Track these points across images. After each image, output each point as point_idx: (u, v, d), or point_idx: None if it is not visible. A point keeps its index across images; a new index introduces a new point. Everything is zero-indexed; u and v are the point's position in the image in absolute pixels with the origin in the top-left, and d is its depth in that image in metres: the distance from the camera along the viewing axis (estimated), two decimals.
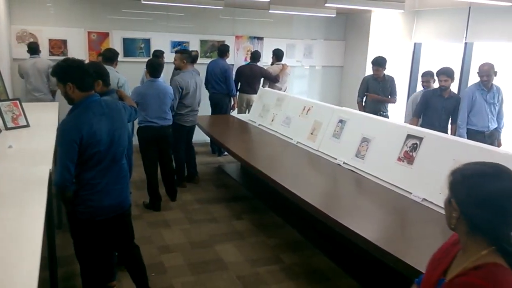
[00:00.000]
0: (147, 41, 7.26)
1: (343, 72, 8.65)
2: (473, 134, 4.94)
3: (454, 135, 4.96)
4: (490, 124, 5.03)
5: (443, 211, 2.94)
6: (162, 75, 4.93)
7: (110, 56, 4.94)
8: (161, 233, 4.26)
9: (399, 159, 3.45)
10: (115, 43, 6.93)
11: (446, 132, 4.96)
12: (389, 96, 6.10)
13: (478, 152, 2.94)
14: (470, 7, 6.53)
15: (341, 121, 4.31)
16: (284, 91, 6.86)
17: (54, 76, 2.53)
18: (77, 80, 2.48)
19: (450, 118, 5.12)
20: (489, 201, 1.21)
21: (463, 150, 3.04)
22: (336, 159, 4.12)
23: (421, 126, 4.81)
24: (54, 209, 3.45)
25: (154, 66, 4.66)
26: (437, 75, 5.11)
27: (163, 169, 4.97)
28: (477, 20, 6.53)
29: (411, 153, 3.39)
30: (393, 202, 3.23)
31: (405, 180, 3.32)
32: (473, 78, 7.02)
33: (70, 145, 2.42)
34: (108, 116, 2.59)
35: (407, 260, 2.26)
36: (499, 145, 5.10)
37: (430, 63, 7.70)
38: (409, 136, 3.47)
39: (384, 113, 6.04)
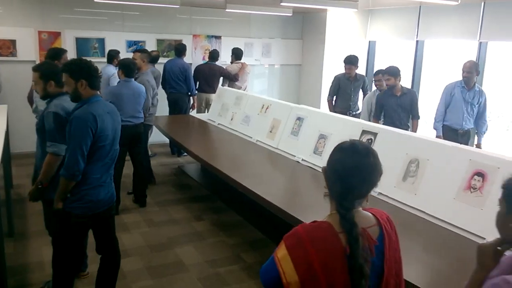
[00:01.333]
0: (101, 41, 7.06)
1: (301, 70, 8.75)
2: (446, 131, 4.95)
3: (416, 131, 4.97)
4: (464, 123, 4.96)
5: (398, 204, 3.02)
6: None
7: (53, 55, 4.71)
8: (120, 237, 4.09)
9: None
10: (68, 43, 6.70)
11: (407, 129, 4.88)
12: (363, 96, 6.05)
13: (428, 146, 3.04)
14: (420, 6, 6.76)
15: (299, 118, 4.35)
16: (244, 90, 6.85)
17: (67, 72, 2.61)
18: (90, 78, 2.62)
19: (411, 114, 5.08)
20: (331, 171, 1.43)
21: (415, 145, 3.14)
22: (295, 156, 4.15)
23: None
24: (3, 217, 3.30)
25: (129, 66, 4.63)
26: (382, 75, 5.17)
27: (136, 170, 4.93)
28: (427, 19, 6.77)
29: None
30: None
31: None
32: (426, 75, 7.29)
33: (86, 132, 2.52)
34: (112, 115, 2.72)
35: None
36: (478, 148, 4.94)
37: (386, 61, 7.93)
38: (364, 132, 3.55)
39: (353, 113, 6.03)
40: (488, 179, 2.53)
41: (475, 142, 5.18)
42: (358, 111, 6.11)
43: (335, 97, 6.21)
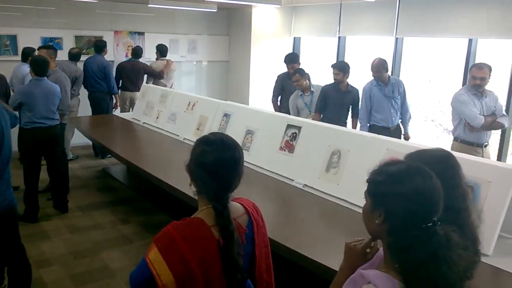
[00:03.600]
0: (13, 38, 6.56)
1: (228, 67, 8.73)
2: (378, 131, 4.66)
3: (355, 128, 5.02)
4: (393, 119, 4.95)
5: (322, 195, 3.10)
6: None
7: None
8: (39, 246, 3.89)
9: (281, 148, 3.56)
10: None
11: (345, 126, 4.94)
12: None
13: (348, 138, 3.16)
14: (341, 4, 7.00)
15: (226, 115, 4.32)
16: (170, 88, 6.71)
17: None
18: None
19: (351, 112, 5.12)
20: (202, 168, 1.45)
21: (337, 137, 3.24)
22: None
23: (323, 121, 4.78)
24: None
25: (39, 64, 4.31)
26: (331, 68, 5.10)
27: (55, 175, 4.62)
28: (347, 16, 7.03)
29: (291, 142, 3.51)
30: (277, 190, 3.33)
31: (287, 168, 3.43)
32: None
33: None
34: None
35: (292, 246, 2.32)
36: (407, 138, 5.06)
37: (311, 58, 8.15)
38: (289, 126, 3.60)
39: None
40: None
41: (403, 133, 5.16)
42: None
43: (279, 97, 5.94)
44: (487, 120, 4.19)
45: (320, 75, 5.41)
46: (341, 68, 5.01)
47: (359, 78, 5.66)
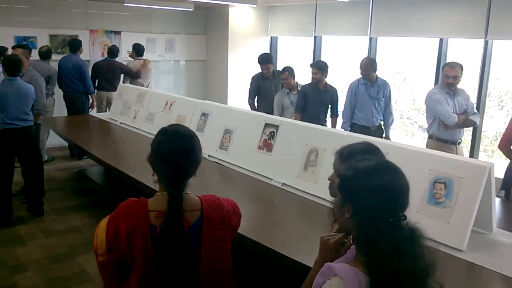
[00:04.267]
0: None
1: (206, 66, 8.70)
2: (358, 129, 4.82)
3: (334, 127, 5.05)
4: (374, 119, 4.99)
5: (301, 194, 3.13)
6: None
7: None
8: (14, 251, 3.80)
9: (259, 147, 3.58)
10: None
11: (325, 125, 4.95)
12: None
13: (325, 136, 3.20)
14: (316, 3, 7.06)
15: (204, 114, 4.31)
16: (147, 87, 6.65)
17: None
18: None
19: (330, 111, 5.13)
20: (158, 157, 1.58)
21: (314, 135, 3.27)
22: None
23: (303, 120, 4.87)
24: None
25: (11, 63, 4.21)
26: (310, 67, 5.12)
27: (29, 177, 4.51)
28: (323, 15, 7.10)
29: (269, 141, 3.53)
30: (256, 190, 3.34)
31: (265, 167, 3.45)
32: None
33: None
34: None
35: (271, 245, 2.34)
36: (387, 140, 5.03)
37: (288, 58, 8.20)
38: (267, 125, 3.62)
39: None
40: None
41: (384, 135, 5.16)
42: None
43: (256, 98, 5.88)
44: (460, 118, 4.30)
45: (297, 75, 5.43)
46: (320, 67, 5.03)
47: (336, 77, 5.72)
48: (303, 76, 5.74)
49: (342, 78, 5.56)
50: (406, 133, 8.16)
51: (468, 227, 2.27)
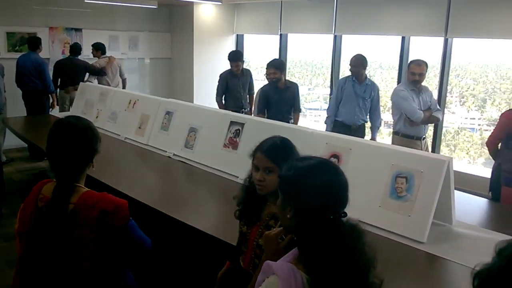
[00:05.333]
0: None
1: (172, 64, 8.59)
2: (339, 126, 4.80)
3: (297, 123, 5.04)
4: (356, 117, 4.93)
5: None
6: None
7: None
8: None
9: (225, 145, 3.55)
10: None
11: (290, 122, 4.92)
12: (249, 93, 5.88)
13: (290, 132, 3.19)
14: (282, 1, 7.09)
15: (168, 112, 4.25)
16: (116, 87, 6.51)
17: None
18: None
19: (292, 107, 5.11)
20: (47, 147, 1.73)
21: (279, 132, 3.24)
22: (166, 151, 4.05)
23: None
24: None
25: None
26: (266, 68, 5.10)
27: None
28: (288, 13, 7.13)
29: (235, 139, 3.51)
30: (222, 188, 3.31)
31: (231, 165, 3.42)
32: (291, 68, 7.71)
33: None
34: None
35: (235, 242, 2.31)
36: None
37: (255, 56, 8.20)
38: (232, 123, 3.59)
39: (246, 110, 5.84)
40: (343, 160, 2.73)
41: (370, 137, 5.09)
42: (249, 108, 5.94)
43: (224, 96, 5.85)
44: (425, 114, 4.39)
45: (261, 72, 5.45)
46: (277, 66, 4.93)
47: (302, 75, 5.76)
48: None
49: (308, 75, 5.60)
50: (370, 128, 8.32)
51: (429, 220, 2.32)
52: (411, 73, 4.39)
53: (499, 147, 3.72)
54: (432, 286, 2.07)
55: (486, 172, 5.98)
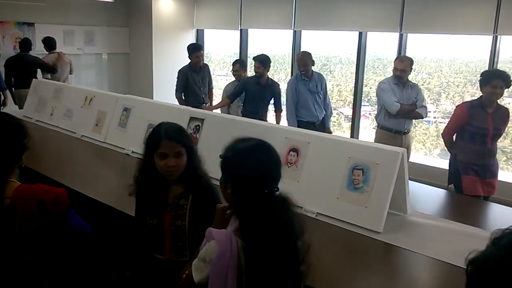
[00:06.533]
0: None
1: (130, 59, 8.41)
2: (304, 126, 4.77)
3: (279, 122, 5.06)
4: (318, 114, 5.03)
5: None
6: None
7: None
8: None
9: None
10: None
11: (264, 120, 4.94)
12: (209, 87, 5.85)
13: (250, 128, 3.20)
14: None
15: (126, 109, 4.15)
16: (65, 82, 6.29)
17: None
18: None
19: (274, 106, 5.11)
20: None
21: (239, 127, 3.26)
22: (124, 149, 3.96)
23: (243, 114, 4.75)
24: None
25: None
26: (253, 61, 5.09)
27: None
28: (249, 9, 7.12)
29: (195, 135, 3.48)
30: None
31: None
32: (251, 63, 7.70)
33: None
34: None
35: None
36: (328, 133, 4.91)
37: (215, 51, 8.14)
38: (192, 119, 3.55)
39: (207, 105, 5.75)
40: (301, 154, 2.76)
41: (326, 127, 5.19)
42: (209, 103, 5.91)
43: (183, 92, 5.75)
44: (404, 108, 4.43)
45: (223, 67, 5.45)
46: (262, 61, 4.96)
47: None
48: (228, 70, 5.74)
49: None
50: (333, 123, 8.46)
51: (385, 210, 2.38)
52: (395, 68, 4.49)
53: (454, 139, 3.83)
54: (389, 274, 2.13)
55: (442, 163, 6.21)
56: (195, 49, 5.59)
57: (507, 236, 0.90)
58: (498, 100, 3.68)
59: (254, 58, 5.10)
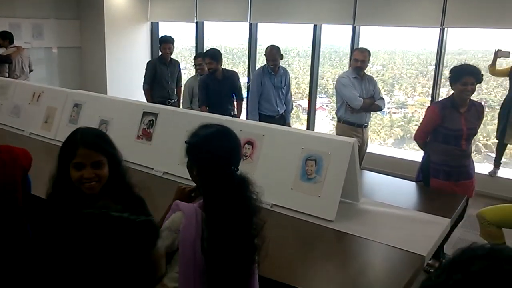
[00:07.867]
0: None
1: (81, 53, 8.12)
2: (264, 119, 4.78)
3: (240, 112, 5.02)
4: (279, 109, 5.01)
5: (183, 181, 3.08)
6: None
7: None
8: None
9: (138, 137, 3.45)
10: None
11: (231, 112, 4.91)
12: (177, 84, 5.75)
13: (205, 121, 3.18)
14: None
15: (76, 105, 4.02)
16: (24, 79, 6.08)
17: None
18: None
19: (234, 97, 5.03)
20: None
21: (193, 121, 3.21)
22: None
23: (212, 112, 4.71)
24: None
25: None
26: (195, 58, 5.00)
27: None
28: (204, 1, 7.04)
29: (148, 130, 3.42)
30: (136, 180, 3.20)
31: (146, 156, 3.33)
32: None
33: None
34: None
35: None
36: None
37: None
38: (145, 113, 3.49)
39: (173, 101, 5.66)
40: (256, 146, 2.77)
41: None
42: (176, 99, 5.78)
43: (152, 84, 5.59)
44: (366, 102, 4.43)
45: (182, 61, 5.35)
46: (213, 56, 4.81)
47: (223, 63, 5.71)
48: (187, 63, 5.67)
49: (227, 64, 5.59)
50: (291, 115, 8.54)
51: (337, 199, 2.44)
52: (354, 59, 4.46)
53: (428, 140, 3.66)
54: (341, 261, 2.19)
55: (397, 152, 6.41)
56: (164, 41, 5.52)
57: (479, 261, 0.71)
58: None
59: (204, 55, 4.98)
